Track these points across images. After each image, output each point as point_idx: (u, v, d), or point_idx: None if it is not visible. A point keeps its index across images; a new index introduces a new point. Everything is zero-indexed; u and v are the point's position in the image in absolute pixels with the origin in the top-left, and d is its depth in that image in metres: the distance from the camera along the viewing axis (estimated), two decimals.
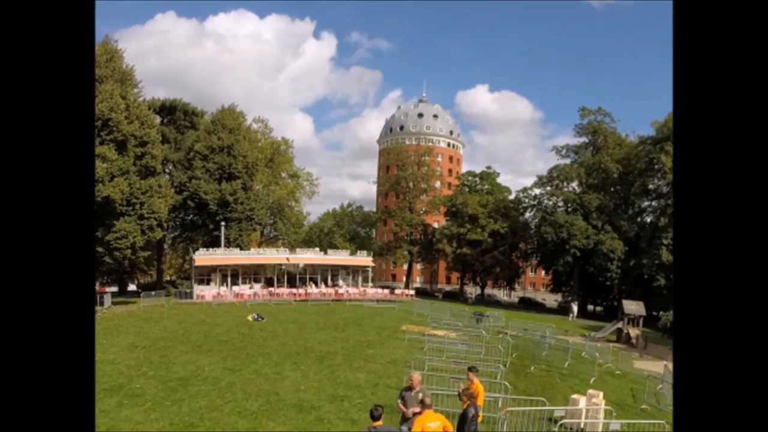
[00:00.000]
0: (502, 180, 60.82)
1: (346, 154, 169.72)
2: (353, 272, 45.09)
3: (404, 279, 66.95)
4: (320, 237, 74.90)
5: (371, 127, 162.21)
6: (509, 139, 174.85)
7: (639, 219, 51.74)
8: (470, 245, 53.29)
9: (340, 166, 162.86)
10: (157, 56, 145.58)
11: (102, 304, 28.45)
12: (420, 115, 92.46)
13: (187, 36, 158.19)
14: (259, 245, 52.04)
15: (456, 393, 11.14)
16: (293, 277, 42.71)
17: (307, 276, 42.76)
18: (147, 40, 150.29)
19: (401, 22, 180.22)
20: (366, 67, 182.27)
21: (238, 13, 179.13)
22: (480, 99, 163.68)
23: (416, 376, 8.05)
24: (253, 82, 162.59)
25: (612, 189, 53.01)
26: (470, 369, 9.04)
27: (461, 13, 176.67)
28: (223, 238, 39.90)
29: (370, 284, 46.22)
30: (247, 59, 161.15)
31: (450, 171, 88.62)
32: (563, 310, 56.00)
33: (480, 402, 8.32)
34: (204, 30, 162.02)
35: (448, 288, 72.71)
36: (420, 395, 7.64)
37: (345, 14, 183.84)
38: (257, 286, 39.22)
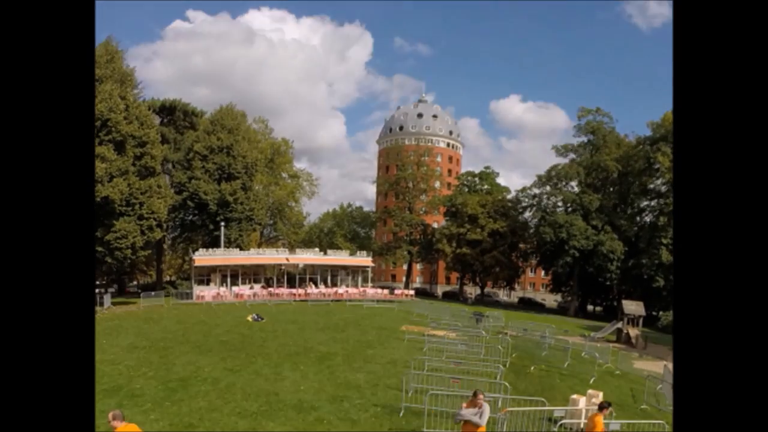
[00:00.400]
0: (523, 183, 60.19)
1: (375, 157, 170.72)
2: (353, 272, 45.08)
3: (404, 279, 66.94)
4: (320, 237, 74.92)
5: None
6: (537, 145, 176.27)
7: (638, 219, 51.80)
8: (470, 245, 53.32)
9: (368, 168, 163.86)
10: (203, 55, 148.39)
11: (102, 304, 28.42)
12: (419, 116, 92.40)
13: (230, 36, 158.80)
14: (259, 245, 52.00)
15: (456, 394, 11.15)
16: (293, 277, 42.70)
17: (307, 276, 42.75)
18: (193, 38, 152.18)
19: (439, 26, 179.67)
20: (401, 71, 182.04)
21: (279, 13, 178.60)
22: (513, 108, 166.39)
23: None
24: (292, 83, 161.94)
25: (611, 189, 53.06)
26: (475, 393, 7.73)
27: (500, 20, 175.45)
28: (222, 238, 39.89)
29: (370, 284, 46.21)
30: (290, 62, 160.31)
31: (449, 171, 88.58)
32: (563, 310, 56.07)
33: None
34: (247, 30, 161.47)
35: (447, 288, 72.70)
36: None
37: (377, 14, 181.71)
38: (257, 287, 39.20)
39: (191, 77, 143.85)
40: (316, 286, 41.52)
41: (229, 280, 38.09)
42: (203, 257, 37.16)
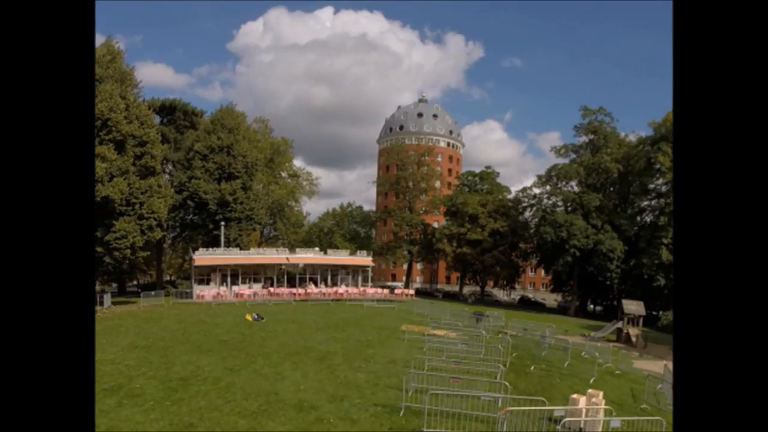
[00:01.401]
0: None
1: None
2: (353, 272, 45.09)
3: (404, 279, 66.94)
4: (320, 237, 74.92)
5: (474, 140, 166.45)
6: None
7: (638, 218, 51.80)
8: (470, 245, 53.33)
9: None
10: (330, 57, 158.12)
11: (102, 304, 28.42)
12: (420, 115, 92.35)
13: (345, 42, 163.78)
14: (259, 245, 52.01)
15: (456, 393, 11.16)
16: (293, 277, 42.71)
17: (307, 276, 42.75)
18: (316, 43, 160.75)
19: (534, 40, 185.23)
20: (493, 79, 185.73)
21: (378, 17, 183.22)
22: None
23: None
24: (391, 90, 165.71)
25: (611, 189, 53.05)
26: None
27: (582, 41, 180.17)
28: (222, 238, 39.89)
29: (370, 284, 46.23)
30: (390, 69, 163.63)
31: (450, 171, 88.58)
32: (563, 309, 56.08)
33: None
34: (359, 38, 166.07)
35: (448, 288, 72.68)
36: None
37: (476, 23, 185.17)
38: (257, 286, 39.21)
39: (311, 76, 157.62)
40: (316, 285, 41.53)
41: (229, 279, 38.11)
42: (203, 257, 37.18)
